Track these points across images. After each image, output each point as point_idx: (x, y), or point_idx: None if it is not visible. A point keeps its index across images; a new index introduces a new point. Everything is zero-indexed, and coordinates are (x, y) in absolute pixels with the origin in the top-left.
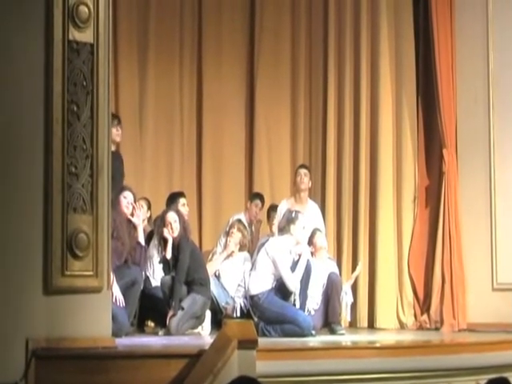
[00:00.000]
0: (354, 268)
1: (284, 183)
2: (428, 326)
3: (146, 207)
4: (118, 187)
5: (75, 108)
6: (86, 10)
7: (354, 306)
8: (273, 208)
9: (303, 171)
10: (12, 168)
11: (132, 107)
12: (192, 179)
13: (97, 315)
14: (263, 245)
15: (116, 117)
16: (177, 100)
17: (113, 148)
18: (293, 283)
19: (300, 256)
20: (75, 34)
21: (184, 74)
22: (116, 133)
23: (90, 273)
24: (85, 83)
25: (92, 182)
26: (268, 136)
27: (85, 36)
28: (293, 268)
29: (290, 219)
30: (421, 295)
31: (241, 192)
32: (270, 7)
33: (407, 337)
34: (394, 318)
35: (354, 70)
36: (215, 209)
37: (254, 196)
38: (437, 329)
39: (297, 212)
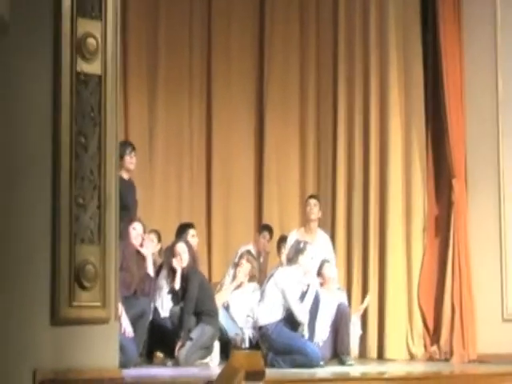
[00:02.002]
0: (363, 298)
1: (293, 214)
2: (438, 356)
3: (156, 240)
4: (130, 216)
5: (83, 140)
6: (94, 41)
7: (363, 337)
8: (283, 239)
9: (313, 202)
10: (19, 200)
11: (142, 137)
12: (201, 210)
13: (104, 346)
14: (272, 275)
15: (130, 145)
16: (186, 129)
17: (126, 176)
18: (302, 314)
19: (309, 287)
20: (83, 66)
21: (193, 104)
22: (130, 161)
23: (98, 304)
24: (92, 115)
25: (100, 213)
26: (277, 167)
27: (93, 68)
28: (302, 299)
29: (298, 250)
30: (431, 326)
31: (250, 223)
32: (279, 34)
33: (417, 368)
34: (403, 349)
35: (363, 99)
36: (224, 240)
37: (262, 228)
38: (447, 360)
39: (305, 243)
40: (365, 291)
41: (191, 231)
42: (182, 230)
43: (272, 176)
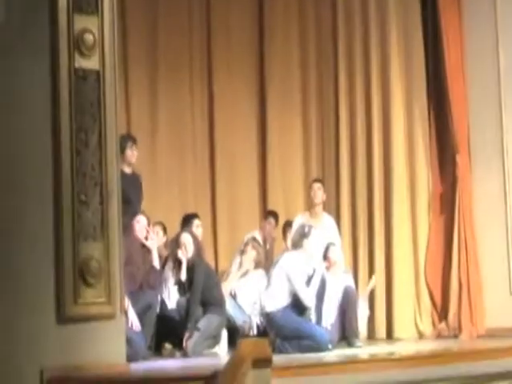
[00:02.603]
0: (370, 280)
1: (298, 198)
2: (447, 333)
3: (161, 232)
4: (134, 210)
5: (83, 136)
6: (91, 37)
7: (371, 318)
8: (288, 224)
9: (316, 185)
10: (21, 198)
11: (143, 129)
12: (206, 200)
13: (111, 342)
14: (278, 261)
15: (131, 138)
16: (188, 120)
17: (128, 170)
18: (308, 298)
19: (314, 271)
20: (81, 62)
21: (194, 94)
22: (131, 154)
23: (103, 300)
24: (92, 110)
25: (102, 209)
26: (280, 152)
27: (91, 63)
28: (308, 283)
29: (303, 234)
30: (438, 303)
31: (255, 210)
32: (279, 15)
33: (426, 346)
34: (412, 328)
35: (364, 79)
36: (230, 228)
37: (267, 214)
38: (455, 336)
39: (310, 226)
40: (371, 272)
41: (196, 221)
42: (187, 220)
43: (276, 161)
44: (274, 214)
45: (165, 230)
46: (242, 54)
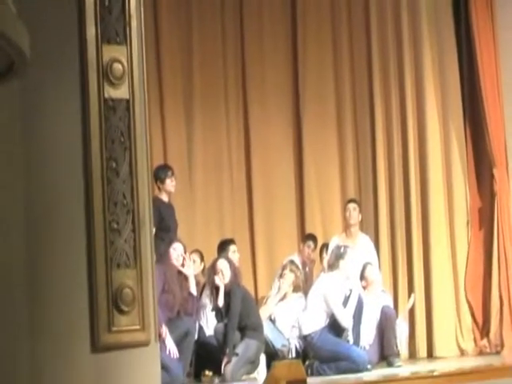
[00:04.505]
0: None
1: (336, 220)
2: (488, 350)
3: (198, 260)
4: (172, 238)
5: (114, 164)
6: (120, 66)
7: (411, 337)
8: (325, 246)
9: (352, 206)
10: (54, 230)
11: (180, 158)
12: (244, 226)
13: (145, 369)
14: (315, 283)
15: (170, 168)
16: (224, 147)
17: (166, 199)
18: (345, 319)
19: (351, 291)
20: (110, 92)
21: (230, 118)
22: (171, 183)
23: (137, 327)
24: (122, 139)
25: (134, 236)
26: (317, 173)
27: (120, 93)
28: (345, 304)
29: (338, 255)
30: (479, 319)
31: (293, 234)
32: (312, 36)
33: (468, 363)
34: (453, 345)
35: (399, 96)
36: (268, 253)
37: (306, 237)
38: (497, 352)
39: (345, 247)
40: (411, 291)
41: (232, 247)
42: (223, 246)
43: (312, 183)
44: (313, 237)
45: (202, 257)
46: (276, 75)
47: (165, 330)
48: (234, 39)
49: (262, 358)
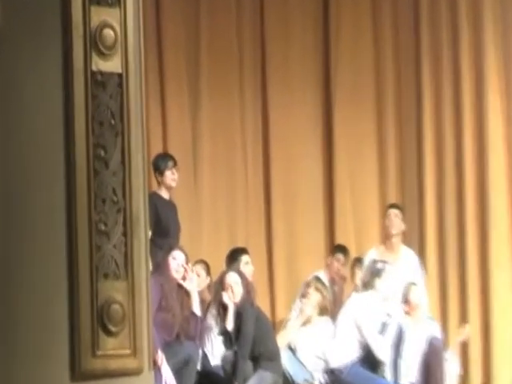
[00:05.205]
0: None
1: (372, 230)
2: None
3: (204, 273)
4: (172, 244)
5: (102, 153)
6: (112, 33)
7: (464, 376)
8: (358, 260)
9: (393, 212)
10: (28, 233)
11: (184, 148)
12: (259, 232)
13: None
14: (345, 305)
15: (171, 158)
16: (238, 138)
17: (166, 195)
18: (382, 350)
19: (390, 317)
20: (99, 64)
21: (245, 105)
22: (171, 177)
23: (127, 351)
24: (113, 122)
25: (126, 240)
26: (350, 174)
27: (111, 65)
28: (382, 332)
29: (375, 272)
30: None
31: (320, 244)
32: (348, 17)
33: None
34: None
35: (453, 83)
36: (289, 267)
37: (335, 249)
38: None
39: (384, 263)
40: (464, 320)
41: (244, 258)
42: (234, 257)
43: (344, 184)
44: (344, 249)
45: (208, 269)
46: (302, 53)
47: (161, 356)
48: (251, 8)
49: None
